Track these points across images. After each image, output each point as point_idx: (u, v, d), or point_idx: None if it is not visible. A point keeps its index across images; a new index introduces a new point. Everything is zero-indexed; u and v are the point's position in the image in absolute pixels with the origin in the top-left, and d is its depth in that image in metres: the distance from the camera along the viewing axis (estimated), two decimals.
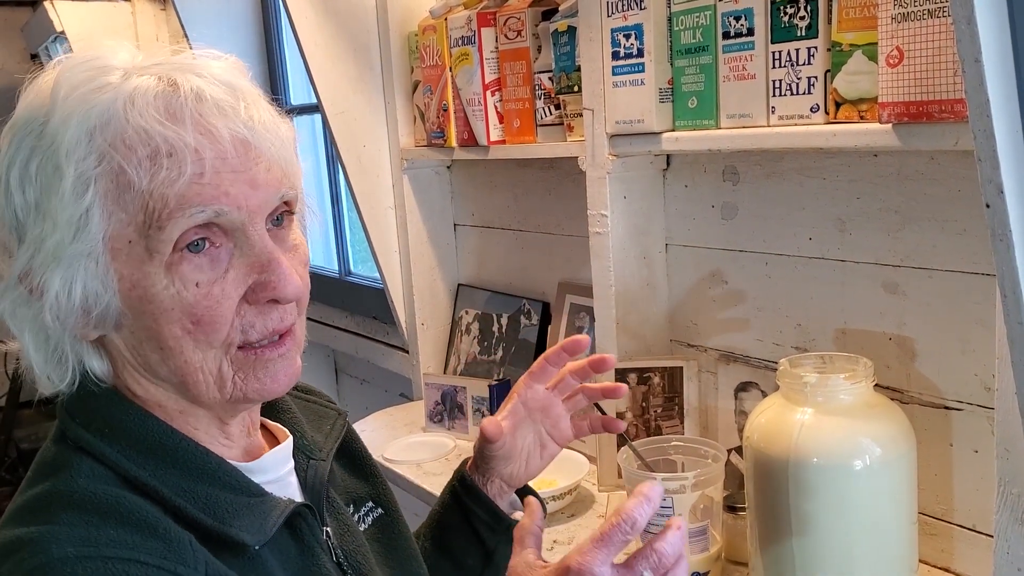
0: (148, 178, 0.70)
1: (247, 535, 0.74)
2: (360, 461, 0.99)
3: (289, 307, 0.77)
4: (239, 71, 0.78)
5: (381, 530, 0.95)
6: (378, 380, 2.73)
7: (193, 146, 0.70)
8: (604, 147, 1.49)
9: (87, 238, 0.70)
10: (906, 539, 1.12)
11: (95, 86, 0.71)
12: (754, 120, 1.24)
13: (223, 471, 0.77)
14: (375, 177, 2.14)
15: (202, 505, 0.73)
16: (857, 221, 1.31)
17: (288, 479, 0.85)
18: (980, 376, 1.18)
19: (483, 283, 2.16)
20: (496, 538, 1.04)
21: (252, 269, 0.74)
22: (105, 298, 0.72)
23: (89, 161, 0.70)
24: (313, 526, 0.82)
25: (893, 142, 1.05)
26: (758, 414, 1.17)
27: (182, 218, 0.70)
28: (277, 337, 0.77)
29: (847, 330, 1.35)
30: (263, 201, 0.74)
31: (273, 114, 0.78)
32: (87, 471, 0.72)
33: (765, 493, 1.13)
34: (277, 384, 0.78)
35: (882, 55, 1.03)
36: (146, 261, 0.71)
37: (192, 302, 0.72)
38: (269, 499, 0.78)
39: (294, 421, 0.91)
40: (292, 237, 0.80)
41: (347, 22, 2.05)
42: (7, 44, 4.69)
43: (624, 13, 1.38)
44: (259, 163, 0.74)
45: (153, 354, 0.74)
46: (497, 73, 1.74)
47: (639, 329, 1.61)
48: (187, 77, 0.73)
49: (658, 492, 0.77)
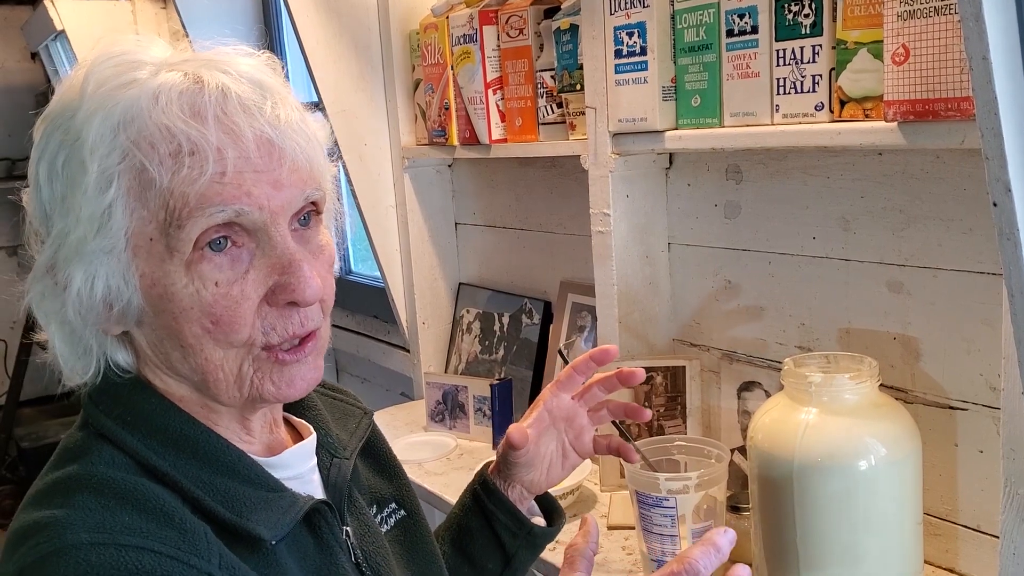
0: (169, 176, 0.69)
1: (264, 529, 0.73)
2: (385, 461, 0.99)
3: (311, 310, 0.76)
4: (271, 68, 0.78)
5: (403, 532, 0.95)
6: (379, 379, 2.73)
7: (216, 145, 0.70)
8: (607, 146, 1.48)
9: (109, 234, 0.71)
10: (911, 540, 1.11)
11: (122, 82, 0.71)
12: (758, 118, 1.23)
13: (243, 464, 0.77)
14: (376, 176, 2.13)
15: (220, 497, 0.73)
16: (862, 220, 1.30)
17: (310, 476, 0.85)
18: (986, 376, 1.18)
19: (484, 282, 2.16)
20: (517, 543, 1.04)
21: (273, 270, 0.73)
22: (127, 294, 0.72)
23: (112, 157, 0.70)
24: (332, 524, 0.81)
25: (898, 141, 1.05)
26: (762, 414, 1.16)
27: (202, 217, 0.70)
28: (298, 341, 0.76)
29: (851, 329, 1.34)
30: (286, 201, 0.73)
31: (302, 113, 0.78)
32: (107, 458, 0.72)
33: (769, 493, 1.12)
34: (293, 389, 0.77)
35: (887, 53, 1.03)
36: (166, 259, 0.71)
37: (211, 301, 0.72)
38: (288, 494, 0.78)
39: (319, 418, 0.91)
40: (319, 238, 0.79)
41: (348, 20, 2.04)
42: (7, 43, 4.69)
43: (627, 11, 1.37)
44: (283, 163, 0.73)
45: (174, 351, 0.74)
46: (499, 71, 1.73)
47: (641, 328, 1.60)
48: (213, 74, 0.73)
49: (729, 540, 0.71)
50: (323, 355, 0.80)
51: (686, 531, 1.19)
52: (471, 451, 1.88)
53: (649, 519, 1.20)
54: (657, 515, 1.19)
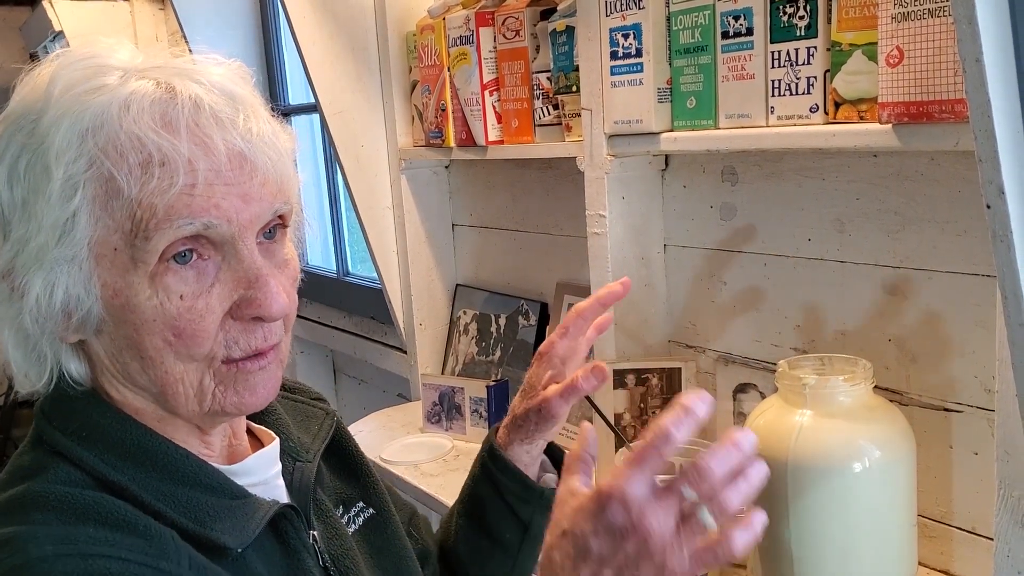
0: (138, 186, 0.68)
1: (228, 538, 0.73)
2: (351, 460, 0.98)
3: (275, 325, 0.75)
4: (241, 78, 0.77)
5: (372, 531, 0.94)
6: (376, 380, 2.73)
7: (187, 157, 0.68)
8: (602, 147, 1.48)
9: (72, 242, 0.69)
10: (905, 542, 1.11)
11: (91, 87, 0.70)
12: (753, 120, 1.23)
13: (204, 473, 0.75)
14: (373, 177, 2.13)
15: (182, 509, 0.72)
16: (856, 222, 1.30)
17: (275, 482, 0.84)
18: (980, 378, 1.18)
19: (481, 283, 2.16)
20: (531, 509, 1.01)
21: (239, 284, 0.72)
22: (87, 304, 0.71)
23: (79, 164, 0.68)
24: (299, 528, 0.80)
25: (893, 142, 1.05)
26: (757, 416, 1.16)
27: (169, 229, 0.68)
28: None
29: (846, 331, 1.34)
30: (255, 215, 0.72)
31: (273, 125, 0.76)
32: (63, 476, 0.71)
33: (763, 495, 1.11)
34: (256, 398, 0.76)
35: (882, 55, 1.03)
36: (130, 270, 0.70)
37: (175, 315, 0.70)
38: (252, 500, 0.77)
39: (279, 423, 0.90)
40: (283, 252, 0.78)
41: (345, 22, 2.04)
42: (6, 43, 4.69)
43: (623, 13, 1.37)
44: (254, 177, 0.72)
45: (133, 363, 0.73)
46: (495, 73, 1.73)
47: (637, 330, 1.60)
48: (186, 84, 0.72)
49: (704, 403, 0.64)
50: (283, 368, 0.79)
51: None
52: (467, 452, 1.88)
53: None
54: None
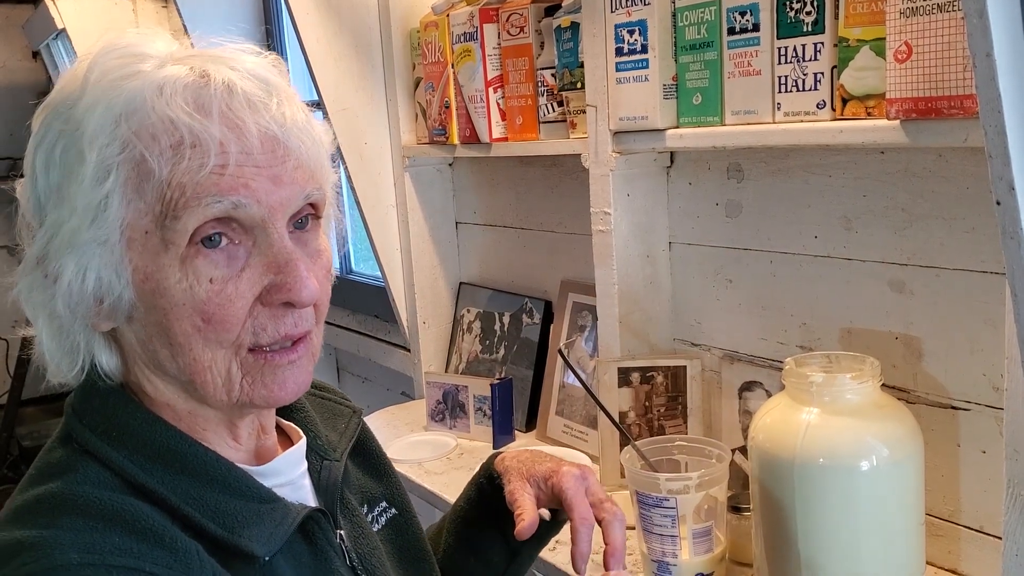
0: (169, 167, 0.68)
1: (257, 545, 0.72)
2: (374, 460, 0.98)
3: (305, 312, 0.75)
4: (276, 68, 0.77)
5: (395, 531, 0.94)
6: (380, 379, 2.73)
7: (218, 139, 0.69)
8: (607, 144, 1.48)
9: (104, 225, 0.69)
10: (913, 540, 1.11)
11: (126, 72, 0.70)
12: (759, 117, 1.23)
13: (233, 476, 0.75)
14: (376, 175, 2.13)
15: (211, 513, 0.72)
16: (864, 219, 1.29)
17: (301, 481, 0.84)
18: (988, 376, 1.17)
19: (485, 281, 2.15)
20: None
21: (268, 269, 0.72)
22: (118, 288, 0.71)
23: (112, 148, 0.69)
24: (327, 530, 0.80)
25: (901, 139, 1.04)
26: (763, 414, 1.15)
27: (198, 208, 0.69)
28: (290, 343, 0.75)
29: (853, 329, 1.33)
30: (285, 198, 0.72)
31: (308, 115, 0.77)
32: (93, 476, 0.71)
33: (770, 494, 1.12)
34: (284, 392, 0.76)
35: (890, 50, 1.02)
36: (161, 253, 0.70)
37: (204, 299, 0.70)
38: (281, 505, 0.77)
39: (308, 420, 0.90)
40: (317, 242, 0.78)
41: (349, 19, 2.04)
42: (8, 41, 4.69)
43: (628, 9, 1.36)
44: (286, 161, 0.72)
45: (163, 349, 0.73)
46: (499, 70, 1.72)
47: (642, 328, 1.60)
48: (220, 69, 0.72)
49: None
50: (314, 362, 0.79)
51: (686, 531, 1.19)
52: (471, 451, 1.88)
53: (649, 519, 1.20)
54: (657, 515, 1.18)
